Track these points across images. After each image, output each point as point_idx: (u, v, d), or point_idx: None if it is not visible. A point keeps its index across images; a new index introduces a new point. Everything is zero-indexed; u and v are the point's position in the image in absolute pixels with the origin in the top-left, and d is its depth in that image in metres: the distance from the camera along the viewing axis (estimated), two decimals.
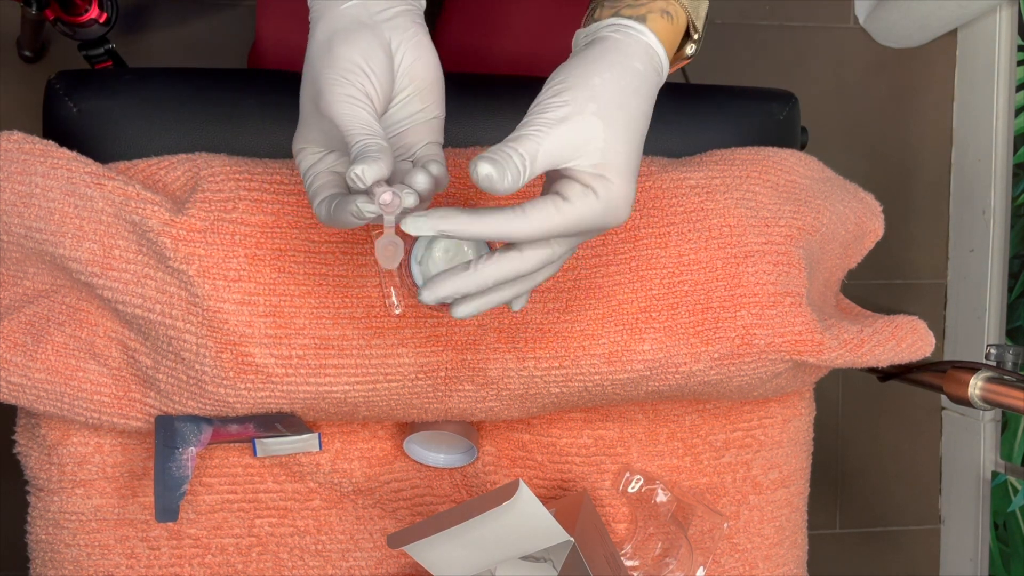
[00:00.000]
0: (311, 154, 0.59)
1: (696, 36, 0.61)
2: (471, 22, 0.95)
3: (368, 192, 0.54)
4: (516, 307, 0.61)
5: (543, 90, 0.56)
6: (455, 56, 0.96)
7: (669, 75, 0.61)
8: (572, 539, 0.69)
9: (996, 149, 1.56)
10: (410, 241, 0.72)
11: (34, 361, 0.74)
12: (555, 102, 0.55)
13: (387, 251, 0.57)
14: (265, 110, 0.81)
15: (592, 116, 0.54)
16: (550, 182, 0.58)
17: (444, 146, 0.79)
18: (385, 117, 0.60)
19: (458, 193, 0.76)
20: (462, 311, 0.58)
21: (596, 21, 0.59)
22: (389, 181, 0.56)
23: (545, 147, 0.53)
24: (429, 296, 0.57)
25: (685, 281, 0.77)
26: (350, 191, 0.56)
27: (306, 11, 0.61)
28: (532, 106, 0.56)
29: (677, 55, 0.62)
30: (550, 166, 0.54)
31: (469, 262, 0.56)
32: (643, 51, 0.57)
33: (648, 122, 0.57)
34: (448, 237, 0.59)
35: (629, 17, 0.58)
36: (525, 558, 0.72)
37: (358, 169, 0.52)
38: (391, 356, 0.74)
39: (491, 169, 0.52)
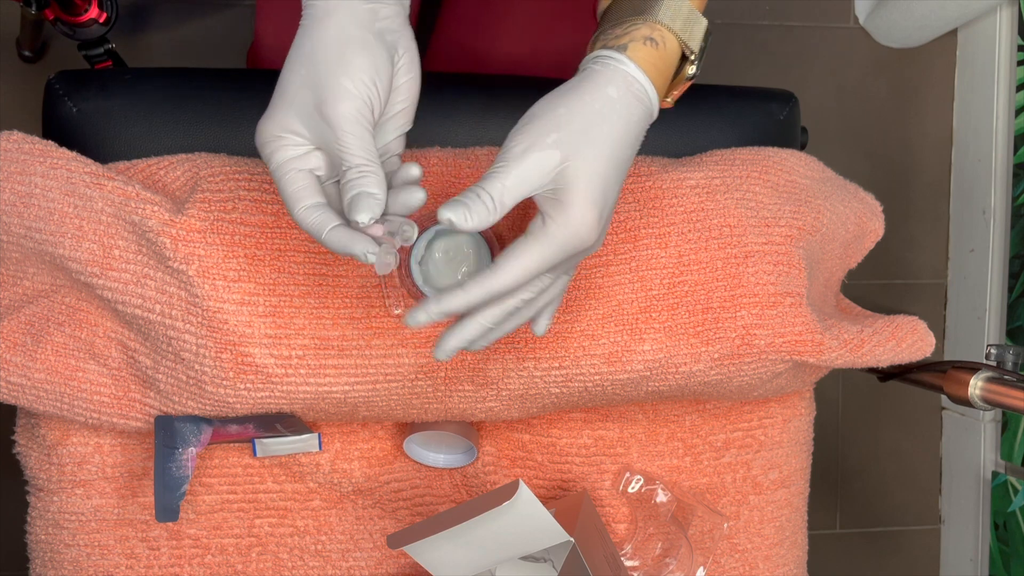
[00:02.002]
0: (291, 146, 0.58)
1: (692, 57, 0.60)
2: (470, 22, 0.95)
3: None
4: (539, 331, 0.64)
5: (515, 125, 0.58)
6: (455, 56, 0.96)
7: (674, 98, 0.62)
8: (572, 539, 0.69)
9: (996, 149, 1.56)
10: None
11: (34, 361, 0.74)
12: (518, 135, 0.56)
13: (385, 262, 0.58)
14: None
15: (550, 147, 0.55)
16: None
17: (444, 146, 0.79)
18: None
19: (457, 194, 0.76)
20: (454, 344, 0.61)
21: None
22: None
23: (508, 182, 0.55)
24: (411, 321, 0.59)
25: (685, 281, 0.77)
26: (342, 211, 0.58)
27: (295, 12, 0.61)
28: (504, 141, 0.57)
29: (678, 78, 0.62)
30: (519, 199, 0.56)
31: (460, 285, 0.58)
32: (620, 79, 0.57)
33: (629, 151, 0.58)
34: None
35: (611, 48, 0.58)
36: (525, 558, 0.72)
37: (363, 217, 0.55)
38: (391, 356, 0.74)
39: (451, 214, 0.54)
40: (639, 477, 0.86)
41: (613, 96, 0.57)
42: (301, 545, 0.84)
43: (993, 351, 0.85)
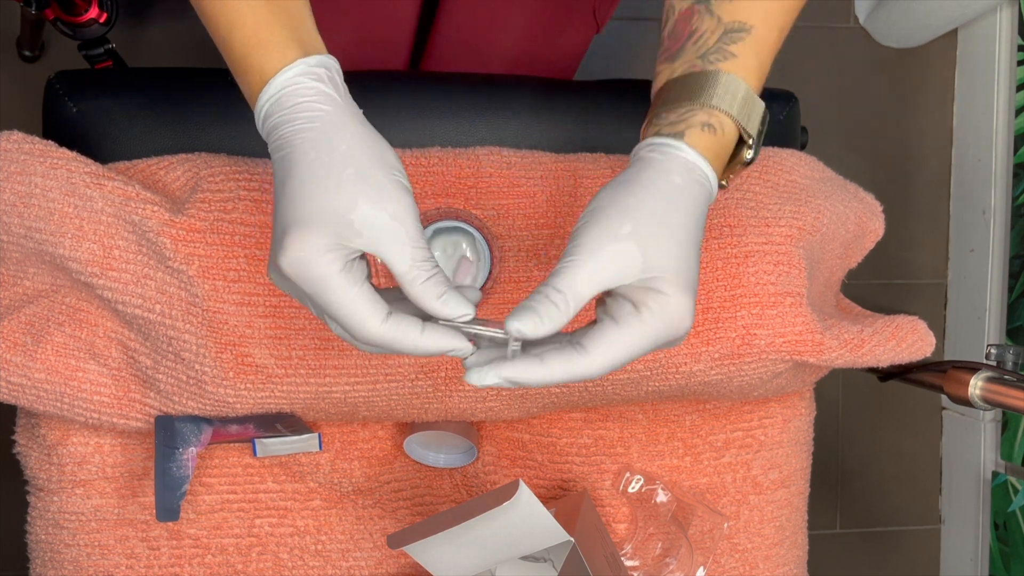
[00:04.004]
0: (344, 259, 0.52)
1: (751, 141, 0.59)
2: (471, 21, 0.94)
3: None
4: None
5: (580, 217, 0.56)
6: (455, 55, 0.96)
7: (730, 180, 0.61)
8: (572, 539, 0.69)
9: (996, 149, 1.56)
10: None
11: (34, 361, 0.74)
12: (588, 228, 0.54)
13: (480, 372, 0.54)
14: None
15: (626, 239, 0.53)
16: (600, 305, 0.57)
17: (444, 146, 0.79)
18: None
19: (463, 189, 0.76)
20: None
21: (640, 142, 0.59)
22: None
23: (581, 278, 0.53)
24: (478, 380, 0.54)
25: None
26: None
27: None
28: (571, 234, 0.55)
29: (735, 161, 0.60)
30: (595, 293, 0.54)
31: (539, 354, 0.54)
32: (681, 166, 0.56)
33: (700, 234, 0.56)
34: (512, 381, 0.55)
35: (668, 135, 0.57)
36: (525, 558, 0.72)
37: (465, 309, 0.53)
38: (391, 356, 0.74)
39: (520, 325, 0.52)
40: (639, 477, 0.86)
41: (679, 184, 0.56)
42: (301, 545, 0.84)
43: (993, 351, 0.85)
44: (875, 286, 1.65)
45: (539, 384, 0.54)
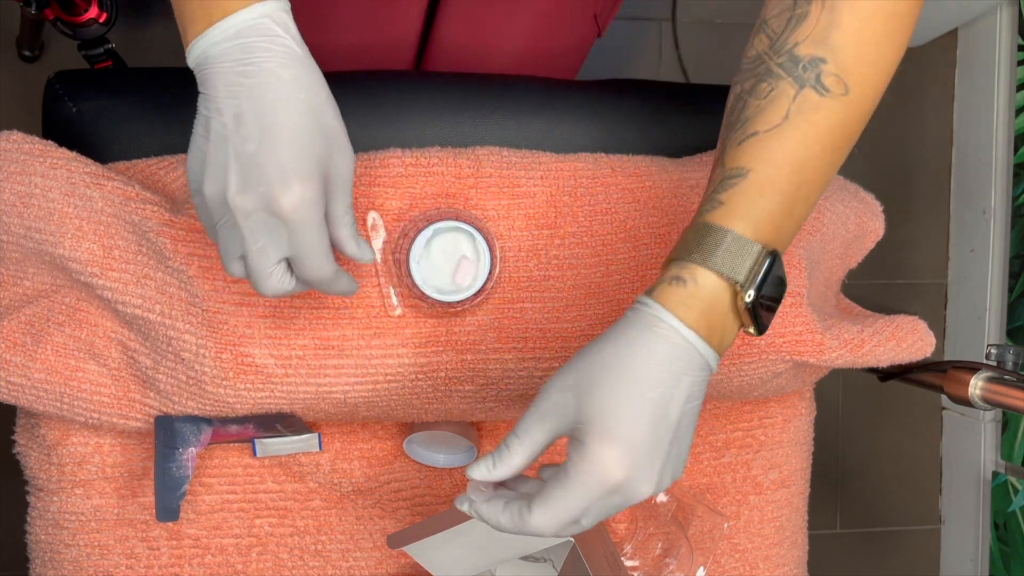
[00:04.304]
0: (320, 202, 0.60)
1: (738, 286, 0.56)
2: (470, 21, 0.94)
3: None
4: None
5: None
6: (455, 56, 0.96)
7: (751, 325, 0.58)
8: (572, 539, 0.69)
9: (996, 149, 1.56)
10: (408, 240, 0.72)
11: (34, 361, 0.74)
12: (550, 380, 0.57)
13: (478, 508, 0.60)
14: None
15: (567, 389, 0.55)
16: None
17: (444, 146, 0.79)
18: None
19: (463, 189, 0.76)
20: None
21: None
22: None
23: (526, 424, 0.57)
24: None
25: None
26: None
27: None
28: None
29: (740, 307, 0.57)
30: (544, 440, 0.57)
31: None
32: (641, 320, 0.56)
33: (655, 388, 0.55)
34: None
35: (644, 294, 0.57)
36: (525, 558, 0.72)
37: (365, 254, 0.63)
38: (391, 357, 0.74)
39: (475, 474, 0.58)
40: None
41: (631, 337, 0.55)
42: (301, 545, 0.84)
43: (993, 351, 0.85)
44: (875, 286, 1.65)
45: (500, 527, 0.58)
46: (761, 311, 0.57)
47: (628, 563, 0.87)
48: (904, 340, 0.83)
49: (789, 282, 0.78)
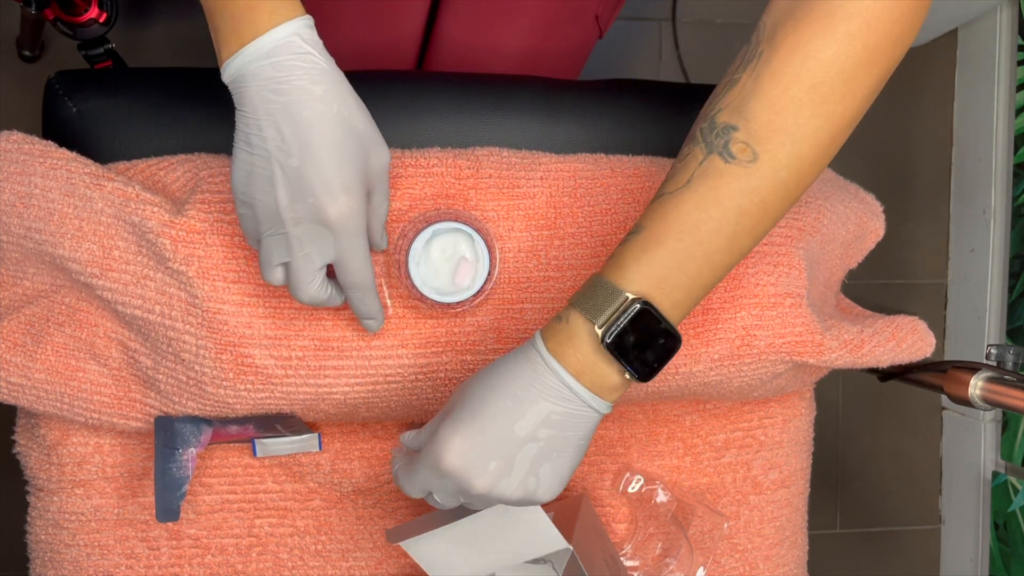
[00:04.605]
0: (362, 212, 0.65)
1: (598, 327, 0.59)
2: (472, 21, 0.94)
3: None
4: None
5: None
6: (455, 55, 0.96)
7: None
8: (571, 547, 0.69)
9: (996, 149, 1.56)
10: (407, 241, 0.72)
11: (34, 361, 0.74)
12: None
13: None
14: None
15: (448, 410, 0.63)
16: None
17: (444, 146, 0.79)
18: None
19: (463, 190, 0.76)
20: None
21: None
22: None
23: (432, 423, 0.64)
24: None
25: None
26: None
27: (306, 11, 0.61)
28: None
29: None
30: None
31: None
32: (524, 348, 0.62)
33: (511, 400, 0.60)
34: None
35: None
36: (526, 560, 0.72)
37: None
38: (391, 358, 0.74)
39: (402, 438, 0.67)
40: (639, 477, 0.86)
41: (510, 359, 0.62)
42: (301, 545, 0.84)
43: (993, 351, 0.85)
44: (875, 286, 1.66)
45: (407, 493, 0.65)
46: (632, 357, 0.60)
47: (628, 563, 0.87)
48: (904, 340, 0.83)
49: (790, 282, 0.78)
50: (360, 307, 0.68)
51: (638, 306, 0.59)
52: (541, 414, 0.60)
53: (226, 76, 0.61)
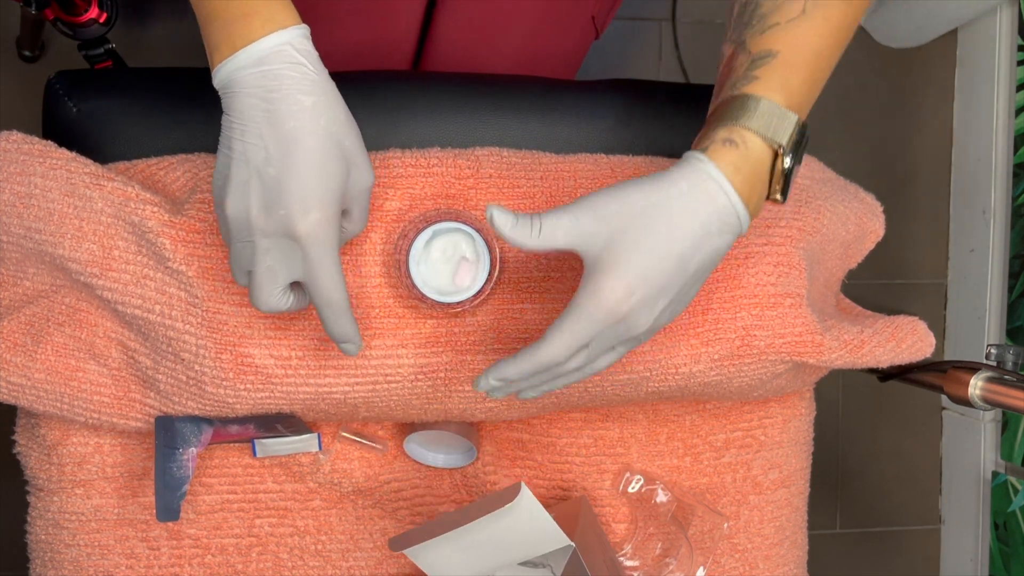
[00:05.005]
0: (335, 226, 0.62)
1: (781, 150, 0.61)
2: (467, 23, 0.95)
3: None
4: (521, 396, 0.68)
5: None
6: (455, 56, 0.96)
7: (779, 191, 0.63)
8: (573, 544, 0.69)
9: (996, 149, 1.56)
10: (407, 241, 0.72)
11: (34, 361, 0.74)
12: (591, 196, 0.61)
13: None
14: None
15: (604, 219, 0.60)
16: None
17: (444, 146, 0.79)
18: None
19: (463, 190, 0.76)
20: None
21: None
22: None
23: (562, 223, 0.60)
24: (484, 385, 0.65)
25: None
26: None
27: (300, 12, 0.61)
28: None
29: (776, 174, 0.63)
30: (562, 244, 0.61)
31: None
32: (692, 175, 0.60)
33: (684, 240, 0.59)
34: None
35: (693, 150, 0.62)
36: (524, 564, 0.72)
37: None
38: (391, 357, 0.74)
39: (497, 213, 0.60)
40: (639, 477, 0.86)
41: (683, 189, 0.60)
42: (301, 545, 0.84)
43: (993, 351, 0.85)
44: (875, 286, 1.66)
45: (516, 377, 0.63)
46: (790, 183, 0.63)
47: (628, 563, 0.87)
48: (904, 340, 0.83)
49: (790, 283, 0.78)
50: (333, 328, 0.65)
51: (807, 132, 0.62)
52: (711, 248, 0.61)
53: (216, 81, 0.61)
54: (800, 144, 0.62)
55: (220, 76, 0.60)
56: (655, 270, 0.59)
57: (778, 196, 0.63)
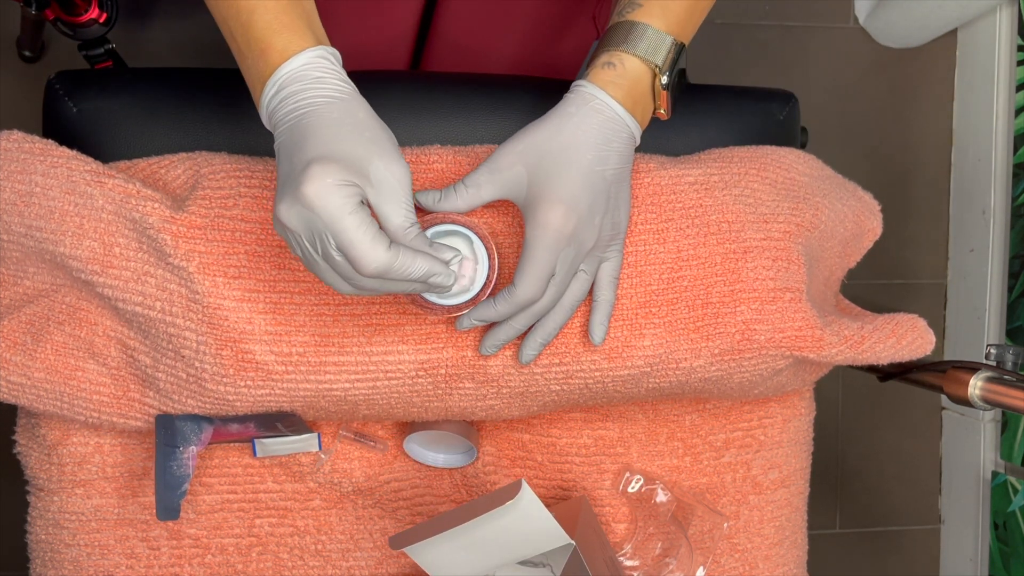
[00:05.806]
0: (356, 196, 0.60)
1: (657, 70, 0.69)
2: (468, 23, 0.95)
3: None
4: (595, 339, 0.74)
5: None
6: (453, 57, 0.96)
7: (664, 107, 0.71)
8: (573, 542, 0.69)
9: (996, 149, 1.56)
10: None
11: (34, 360, 0.74)
12: (499, 150, 0.69)
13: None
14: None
15: (515, 160, 0.68)
16: None
17: (444, 144, 0.79)
18: None
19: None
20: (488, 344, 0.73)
21: None
22: None
23: (476, 180, 0.69)
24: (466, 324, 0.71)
25: (684, 276, 0.77)
26: None
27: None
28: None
29: (656, 90, 0.70)
30: (490, 195, 0.69)
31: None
32: (578, 98, 0.69)
33: (588, 151, 0.67)
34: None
35: (578, 79, 0.70)
36: (523, 563, 0.72)
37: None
38: (391, 353, 0.74)
39: (421, 197, 0.70)
40: (639, 477, 0.86)
41: (571, 112, 0.68)
42: (301, 545, 0.84)
43: (993, 351, 0.85)
44: (875, 286, 1.65)
45: (496, 318, 0.70)
46: (674, 97, 0.71)
47: (628, 563, 0.87)
48: (904, 338, 0.83)
49: (789, 277, 0.78)
50: (399, 290, 0.63)
51: (679, 49, 0.69)
52: (615, 155, 0.69)
53: (264, 121, 0.64)
54: (675, 62, 0.69)
55: (263, 115, 0.64)
56: (578, 185, 0.66)
57: (662, 111, 0.71)
